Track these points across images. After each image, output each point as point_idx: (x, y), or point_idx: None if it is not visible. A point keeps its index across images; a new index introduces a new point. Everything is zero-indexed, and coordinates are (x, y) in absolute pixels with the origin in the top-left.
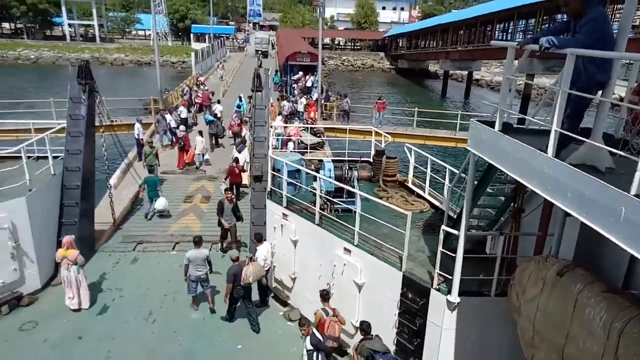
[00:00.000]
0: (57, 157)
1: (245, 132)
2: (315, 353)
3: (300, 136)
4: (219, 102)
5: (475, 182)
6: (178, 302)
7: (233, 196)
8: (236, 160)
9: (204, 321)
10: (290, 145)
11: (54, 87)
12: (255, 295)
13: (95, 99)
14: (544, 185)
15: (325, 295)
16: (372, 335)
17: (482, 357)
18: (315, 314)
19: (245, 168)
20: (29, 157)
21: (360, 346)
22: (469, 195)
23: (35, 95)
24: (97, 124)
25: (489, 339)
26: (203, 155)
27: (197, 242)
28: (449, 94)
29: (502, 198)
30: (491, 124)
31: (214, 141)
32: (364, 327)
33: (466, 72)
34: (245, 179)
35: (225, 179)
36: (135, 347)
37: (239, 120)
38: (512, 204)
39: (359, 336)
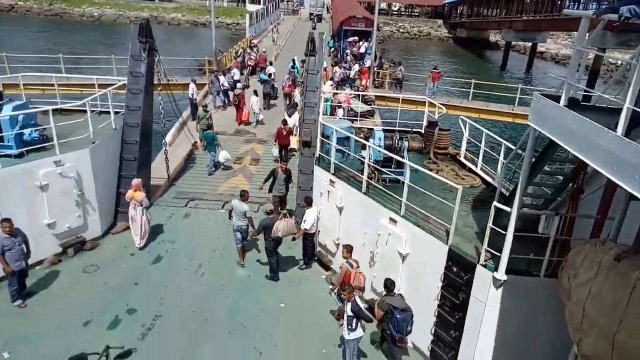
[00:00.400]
0: (118, 112)
1: (296, 93)
2: (354, 320)
3: (350, 103)
4: (271, 64)
5: (533, 160)
6: (226, 258)
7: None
8: (284, 122)
9: (249, 278)
10: (340, 112)
11: (115, 45)
12: (298, 254)
13: (154, 58)
14: (610, 166)
15: (350, 249)
16: (395, 293)
17: (525, 336)
18: (341, 267)
19: (295, 132)
20: (92, 111)
21: (382, 301)
22: (525, 173)
23: (98, 51)
24: (155, 82)
25: (533, 318)
26: (256, 114)
27: (242, 195)
28: (509, 66)
29: (560, 177)
30: (556, 99)
31: (267, 101)
32: (388, 284)
33: (529, 44)
34: (294, 143)
35: (275, 141)
36: (187, 298)
37: (291, 81)
38: (571, 184)
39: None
